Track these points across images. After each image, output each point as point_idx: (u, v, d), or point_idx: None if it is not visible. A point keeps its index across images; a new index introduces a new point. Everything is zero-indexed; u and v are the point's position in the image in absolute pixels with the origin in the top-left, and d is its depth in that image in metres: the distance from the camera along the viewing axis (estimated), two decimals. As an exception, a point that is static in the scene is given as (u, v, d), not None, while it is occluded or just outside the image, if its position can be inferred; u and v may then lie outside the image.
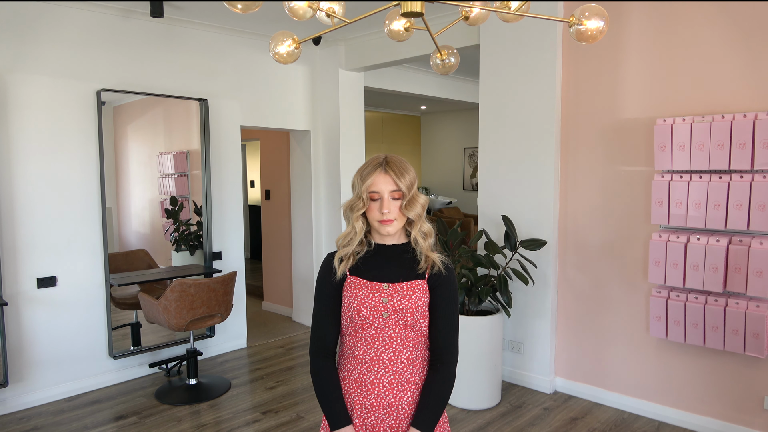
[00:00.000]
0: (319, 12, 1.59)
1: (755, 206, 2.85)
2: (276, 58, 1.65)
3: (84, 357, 3.90)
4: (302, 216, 5.41)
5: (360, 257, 1.61)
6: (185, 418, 3.51)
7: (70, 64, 3.74)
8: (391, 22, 1.76)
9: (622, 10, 3.35)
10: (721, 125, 2.93)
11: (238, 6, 1.43)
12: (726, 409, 3.15)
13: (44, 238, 3.68)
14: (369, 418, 1.59)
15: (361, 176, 1.57)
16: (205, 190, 4.45)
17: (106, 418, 3.52)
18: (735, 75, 2.99)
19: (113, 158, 4.14)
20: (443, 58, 2.04)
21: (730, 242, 2.95)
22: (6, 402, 3.58)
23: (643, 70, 3.31)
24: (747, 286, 2.89)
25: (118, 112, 4.18)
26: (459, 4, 1.71)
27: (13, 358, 3.60)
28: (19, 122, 3.55)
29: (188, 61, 4.32)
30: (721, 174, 2.96)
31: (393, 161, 1.56)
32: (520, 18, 1.73)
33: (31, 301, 3.65)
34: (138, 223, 4.50)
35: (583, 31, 1.60)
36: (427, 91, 6.44)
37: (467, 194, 9.43)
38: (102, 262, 3.94)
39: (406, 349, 1.58)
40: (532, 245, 3.49)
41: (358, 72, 5.14)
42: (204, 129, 4.41)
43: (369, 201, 1.55)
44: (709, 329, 3.02)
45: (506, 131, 3.86)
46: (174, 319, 3.65)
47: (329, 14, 1.59)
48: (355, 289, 1.58)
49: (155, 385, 4.03)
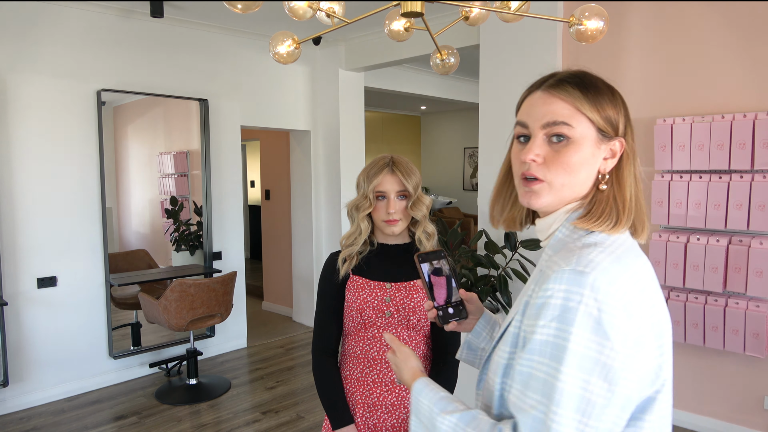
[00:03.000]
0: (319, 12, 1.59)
1: (755, 206, 2.85)
2: (276, 58, 1.65)
3: (84, 357, 3.90)
4: (302, 216, 5.41)
5: (363, 257, 1.62)
6: (185, 418, 3.51)
7: (70, 64, 3.74)
8: (391, 22, 1.76)
9: (622, 10, 3.35)
10: (721, 125, 2.93)
11: (238, 6, 1.43)
12: (726, 409, 3.15)
13: (44, 238, 3.68)
14: (371, 417, 1.59)
15: (367, 176, 1.57)
16: (205, 190, 4.45)
17: (106, 418, 3.52)
18: (735, 75, 2.99)
19: (113, 158, 4.15)
20: (443, 58, 2.04)
21: (730, 242, 2.95)
22: (6, 402, 3.58)
23: (643, 70, 3.31)
24: (747, 286, 2.89)
25: (118, 112, 4.18)
26: (459, 4, 1.71)
27: (13, 358, 3.60)
28: (19, 122, 3.55)
29: (188, 61, 4.32)
30: (721, 174, 2.96)
31: (399, 162, 1.57)
32: (520, 18, 1.73)
33: (31, 301, 3.65)
34: (138, 223, 4.50)
35: (583, 31, 1.60)
36: (427, 91, 6.43)
37: (467, 194, 9.43)
38: (102, 262, 3.94)
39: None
40: (532, 245, 3.49)
41: (358, 72, 5.14)
42: (204, 129, 4.41)
43: (375, 201, 1.56)
44: (709, 329, 3.02)
45: (506, 131, 3.85)
46: (174, 319, 3.65)
47: (329, 14, 1.59)
48: (358, 288, 1.58)
49: (155, 385, 4.03)
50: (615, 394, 0.75)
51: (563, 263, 0.81)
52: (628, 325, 0.76)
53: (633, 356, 0.77)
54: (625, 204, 0.87)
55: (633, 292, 0.79)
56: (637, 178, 0.90)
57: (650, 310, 0.81)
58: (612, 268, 0.79)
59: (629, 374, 0.77)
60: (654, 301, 0.83)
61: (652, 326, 0.81)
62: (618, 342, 0.75)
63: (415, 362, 1.07)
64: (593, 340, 0.74)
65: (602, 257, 0.81)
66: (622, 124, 0.91)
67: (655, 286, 0.86)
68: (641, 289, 0.81)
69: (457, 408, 0.89)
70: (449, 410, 0.89)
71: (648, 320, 0.80)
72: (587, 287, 0.76)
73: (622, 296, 0.77)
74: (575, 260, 0.80)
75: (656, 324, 0.82)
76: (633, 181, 0.89)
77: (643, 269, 0.85)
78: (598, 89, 0.90)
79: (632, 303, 0.78)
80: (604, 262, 0.80)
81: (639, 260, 0.86)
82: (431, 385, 0.97)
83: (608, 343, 0.75)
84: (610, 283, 0.77)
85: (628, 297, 0.78)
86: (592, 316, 0.75)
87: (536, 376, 0.78)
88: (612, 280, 0.78)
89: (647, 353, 0.79)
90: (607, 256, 0.81)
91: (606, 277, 0.78)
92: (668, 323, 0.87)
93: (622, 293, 0.78)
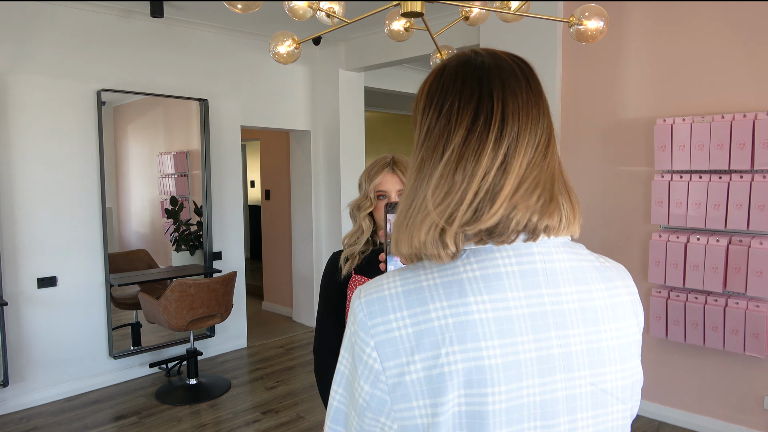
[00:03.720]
0: (319, 12, 1.59)
1: (755, 206, 2.85)
2: (276, 58, 1.65)
3: (84, 357, 3.90)
4: (302, 216, 5.41)
5: (365, 256, 1.62)
6: (185, 418, 3.51)
7: (70, 64, 3.74)
8: (391, 22, 1.76)
9: (622, 10, 3.35)
10: (721, 125, 2.93)
11: (238, 6, 1.43)
12: (726, 409, 3.15)
13: (44, 238, 3.68)
14: None
15: (368, 175, 1.59)
16: (205, 190, 4.45)
17: (106, 418, 3.52)
18: (735, 75, 2.99)
19: (113, 158, 4.15)
20: (443, 58, 2.04)
21: (730, 242, 2.95)
22: (6, 402, 3.58)
23: (643, 70, 3.31)
24: (747, 286, 2.89)
25: (118, 112, 4.18)
26: (459, 4, 1.71)
27: (13, 358, 3.60)
28: (19, 122, 3.55)
29: (188, 61, 4.32)
30: (721, 174, 2.96)
31: (400, 161, 1.59)
32: (520, 18, 1.73)
33: (31, 301, 3.65)
34: (138, 223, 4.51)
35: (583, 31, 1.61)
36: (427, 91, 6.42)
37: (467, 194, 9.42)
38: (102, 262, 3.94)
39: None
40: (532, 245, 3.49)
41: (358, 72, 5.14)
42: (204, 129, 4.41)
43: (377, 200, 1.57)
44: (709, 329, 3.02)
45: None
46: (174, 319, 3.65)
47: (329, 14, 1.59)
48: None
49: (155, 385, 4.03)
50: (362, 429, 0.70)
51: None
52: (377, 366, 0.67)
53: (384, 401, 0.68)
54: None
55: (402, 334, 0.67)
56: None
57: (431, 361, 0.65)
58: (391, 300, 0.69)
59: (380, 417, 0.68)
60: (454, 351, 0.65)
61: (428, 379, 0.65)
62: (364, 379, 0.69)
63: None
64: (349, 367, 0.72)
65: (394, 284, 0.70)
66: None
67: (483, 337, 0.66)
68: (422, 332, 0.66)
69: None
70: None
71: (421, 372, 0.66)
72: (352, 313, 0.71)
73: (379, 334, 0.68)
74: (374, 280, 0.74)
75: (436, 378, 0.65)
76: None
77: (450, 311, 0.66)
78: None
79: (394, 345, 0.67)
80: (389, 290, 0.69)
81: (461, 298, 0.67)
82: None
83: (356, 374, 0.70)
84: (370, 316, 0.69)
85: (389, 337, 0.67)
86: (350, 341, 0.72)
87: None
88: (374, 313, 0.68)
89: (412, 406, 0.67)
90: (402, 284, 0.70)
91: (371, 308, 0.69)
92: (500, 391, 0.66)
93: (382, 331, 0.68)
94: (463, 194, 0.67)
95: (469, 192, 0.67)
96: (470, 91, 0.70)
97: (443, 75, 0.74)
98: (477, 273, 0.68)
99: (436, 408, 0.65)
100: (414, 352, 0.66)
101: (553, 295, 0.70)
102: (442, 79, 0.73)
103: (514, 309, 0.68)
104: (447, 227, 0.67)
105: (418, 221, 0.69)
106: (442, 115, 0.71)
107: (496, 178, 0.68)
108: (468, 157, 0.68)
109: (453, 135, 0.69)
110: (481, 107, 0.69)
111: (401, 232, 0.71)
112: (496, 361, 0.66)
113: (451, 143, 0.69)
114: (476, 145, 0.68)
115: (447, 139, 0.69)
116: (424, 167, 0.71)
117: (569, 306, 0.71)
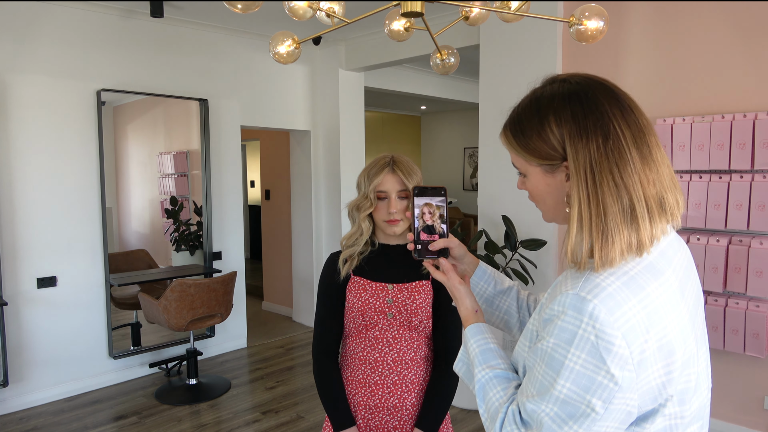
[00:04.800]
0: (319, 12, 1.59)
1: (755, 206, 2.85)
2: (276, 58, 1.64)
3: (84, 357, 3.90)
4: (302, 216, 5.41)
5: (364, 257, 1.60)
6: (185, 418, 3.51)
7: (70, 64, 3.74)
8: (391, 22, 1.76)
9: (622, 10, 3.35)
10: (721, 125, 2.93)
11: (238, 6, 1.43)
12: (726, 409, 3.15)
13: (44, 238, 3.68)
14: (373, 419, 1.58)
15: (368, 176, 1.56)
16: (205, 190, 4.45)
17: (106, 418, 3.52)
18: (735, 75, 2.99)
19: (113, 158, 4.15)
20: (443, 58, 2.04)
21: (730, 242, 2.95)
22: (6, 402, 3.58)
23: (643, 70, 3.31)
24: (747, 286, 2.89)
25: (118, 112, 4.18)
26: (459, 4, 1.71)
27: (13, 358, 3.60)
28: (19, 122, 3.55)
29: (188, 61, 4.32)
30: (721, 174, 2.96)
31: (400, 161, 1.56)
32: (520, 18, 1.73)
33: (31, 301, 3.65)
34: (138, 223, 4.50)
35: (583, 31, 1.61)
36: (427, 91, 6.43)
37: (467, 194, 9.43)
38: (102, 262, 3.94)
39: (410, 349, 1.57)
40: (532, 245, 3.49)
41: (358, 72, 5.14)
42: (204, 129, 4.41)
43: (376, 201, 1.55)
44: (709, 329, 3.02)
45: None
46: (174, 319, 3.65)
47: (329, 14, 1.59)
48: (360, 289, 1.57)
49: (155, 385, 4.03)
50: (608, 411, 0.80)
51: (570, 285, 0.85)
52: (626, 352, 0.79)
53: (632, 378, 0.80)
54: (583, 225, 0.84)
55: (638, 318, 0.80)
56: (595, 193, 0.84)
57: (660, 332, 0.81)
58: (618, 293, 0.81)
59: (627, 393, 0.80)
60: (667, 321, 0.83)
61: (659, 348, 0.81)
62: (614, 367, 0.78)
63: (469, 303, 1.09)
64: (589, 362, 0.79)
65: (610, 281, 0.82)
66: (566, 143, 0.88)
67: (671, 305, 0.84)
68: (650, 313, 0.81)
69: (498, 365, 0.99)
70: (491, 365, 0.99)
71: (654, 343, 0.81)
72: (586, 314, 0.80)
73: (623, 324, 0.79)
74: (581, 284, 0.83)
75: (665, 345, 0.82)
76: (584, 197, 0.84)
77: (658, 291, 0.84)
78: (523, 128, 0.93)
79: (635, 330, 0.79)
80: (610, 287, 0.81)
81: (656, 281, 0.84)
82: (481, 333, 1.04)
83: (604, 367, 0.79)
84: (610, 312, 0.79)
85: (630, 324, 0.79)
86: (589, 341, 0.79)
87: (536, 377, 0.86)
88: (613, 309, 0.79)
89: (649, 374, 0.81)
90: (616, 279, 0.82)
91: (607, 305, 0.80)
92: (685, 341, 0.85)
93: (624, 321, 0.79)
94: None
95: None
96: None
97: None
98: (657, 257, 0.87)
99: (669, 367, 0.82)
100: (649, 330, 0.80)
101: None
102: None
103: (677, 281, 0.89)
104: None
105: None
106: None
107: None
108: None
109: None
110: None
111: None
112: (685, 318, 0.87)
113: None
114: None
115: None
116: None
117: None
